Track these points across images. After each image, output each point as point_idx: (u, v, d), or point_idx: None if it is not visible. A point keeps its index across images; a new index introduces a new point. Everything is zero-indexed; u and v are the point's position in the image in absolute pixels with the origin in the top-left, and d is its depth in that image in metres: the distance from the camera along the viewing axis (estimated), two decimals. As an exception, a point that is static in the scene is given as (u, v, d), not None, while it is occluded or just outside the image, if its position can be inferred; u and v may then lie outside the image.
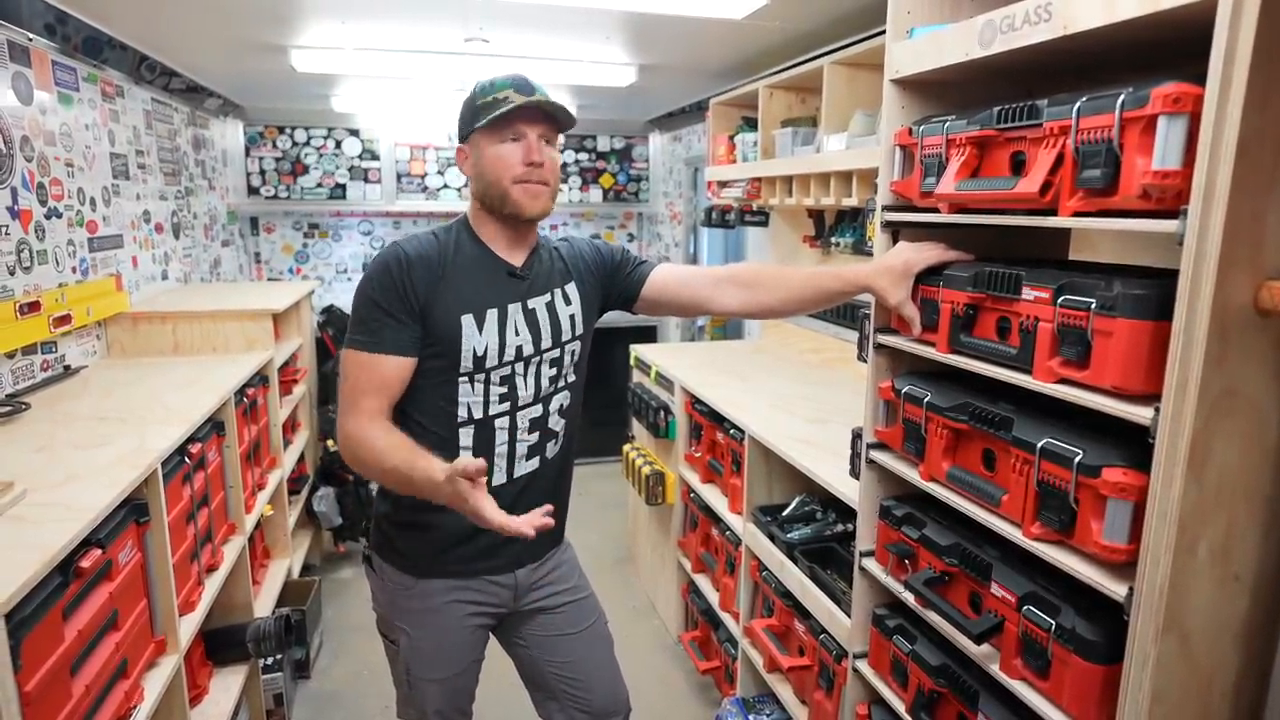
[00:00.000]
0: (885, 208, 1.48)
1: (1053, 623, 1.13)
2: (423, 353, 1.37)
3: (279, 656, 2.37)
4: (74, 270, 2.45)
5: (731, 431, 2.37)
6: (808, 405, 2.47)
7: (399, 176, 4.60)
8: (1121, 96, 0.97)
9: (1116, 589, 1.01)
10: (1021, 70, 1.39)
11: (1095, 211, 1.04)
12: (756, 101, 2.90)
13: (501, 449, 1.44)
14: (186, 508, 1.85)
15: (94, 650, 1.38)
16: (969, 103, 1.40)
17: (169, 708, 1.68)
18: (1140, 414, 0.96)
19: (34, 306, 2.15)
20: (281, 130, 4.44)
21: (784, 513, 2.20)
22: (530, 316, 1.42)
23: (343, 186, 4.54)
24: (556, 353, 1.45)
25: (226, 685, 2.13)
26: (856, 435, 1.63)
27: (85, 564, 1.32)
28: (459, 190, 4.68)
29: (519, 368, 1.42)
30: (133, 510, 1.54)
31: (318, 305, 4.03)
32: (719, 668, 2.57)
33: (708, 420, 2.59)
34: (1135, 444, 1.04)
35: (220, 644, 2.19)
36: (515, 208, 1.38)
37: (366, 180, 4.55)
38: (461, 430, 1.42)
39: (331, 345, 3.59)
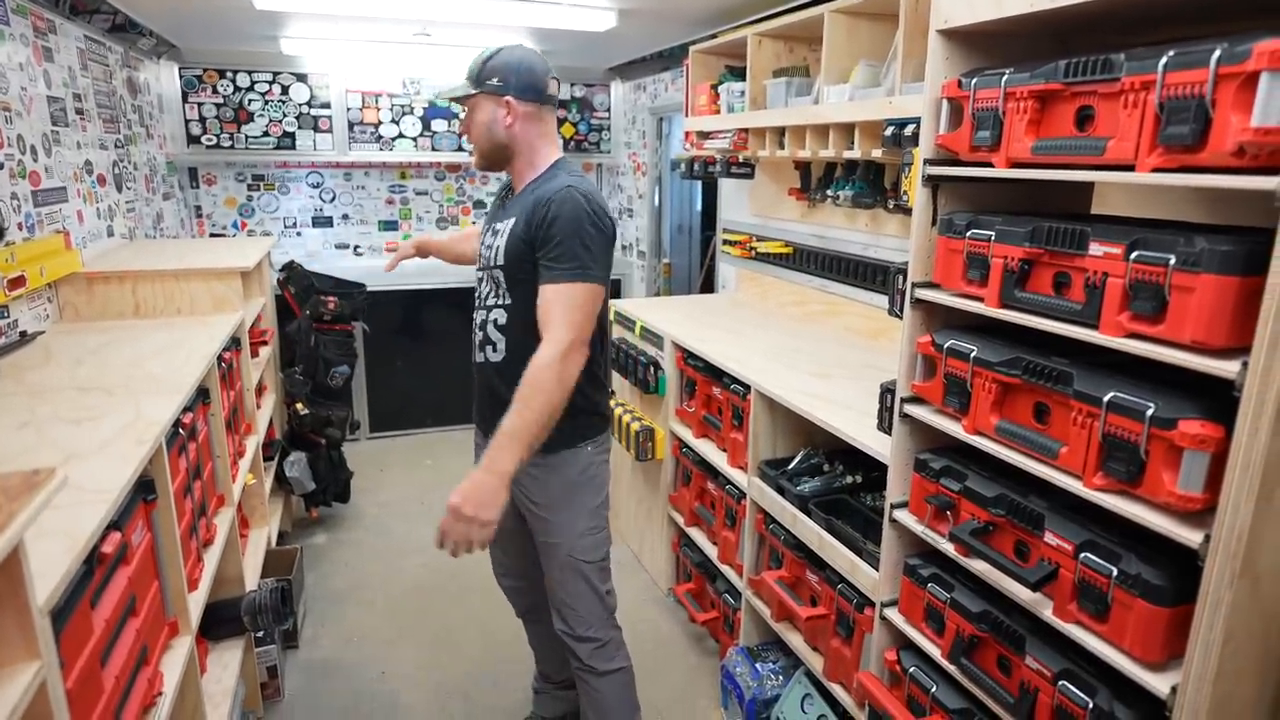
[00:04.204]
0: (928, 161, 1.47)
1: (1113, 569, 1.17)
2: None
3: (273, 629, 2.29)
4: (20, 227, 2.24)
5: (733, 386, 2.37)
6: (804, 358, 2.48)
7: (351, 125, 4.34)
8: (1217, 51, 0.97)
9: (1190, 536, 1.05)
10: (1063, 24, 1.38)
11: (1176, 168, 1.04)
12: (740, 50, 2.82)
13: (472, 335, 1.81)
14: (184, 481, 1.74)
15: (118, 639, 1.29)
16: (1008, 57, 1.39)
17: (183, 692, 1.60)
18: (1225, 368, 0.99)
19: (-15, 268, 1.96)
20: (222, 74, 4.10)
21: (789, 466, 2.22)
22: (490, 237, 1.75)
23: (291, 135, 4.25)
24: (487, 273, 1.75)
25: (224, 661, 2.05)
26: (887, 390, 1.64)
27: (107, 549, 1.22)
28: (414, 140, 4.47)
29: (480, 275, 1.79)
30: (140, 488, 1.43)
31: (277, 262, 3.81)
32: (717, 618, 2.61)
33: (702, 375, 2.58)
34: (1205, 397, 1.07)
35: (214, 620, 2.10)
36: None
37: (316, 129, 4.28)
38: None
39: (294, 304, 3.40)
